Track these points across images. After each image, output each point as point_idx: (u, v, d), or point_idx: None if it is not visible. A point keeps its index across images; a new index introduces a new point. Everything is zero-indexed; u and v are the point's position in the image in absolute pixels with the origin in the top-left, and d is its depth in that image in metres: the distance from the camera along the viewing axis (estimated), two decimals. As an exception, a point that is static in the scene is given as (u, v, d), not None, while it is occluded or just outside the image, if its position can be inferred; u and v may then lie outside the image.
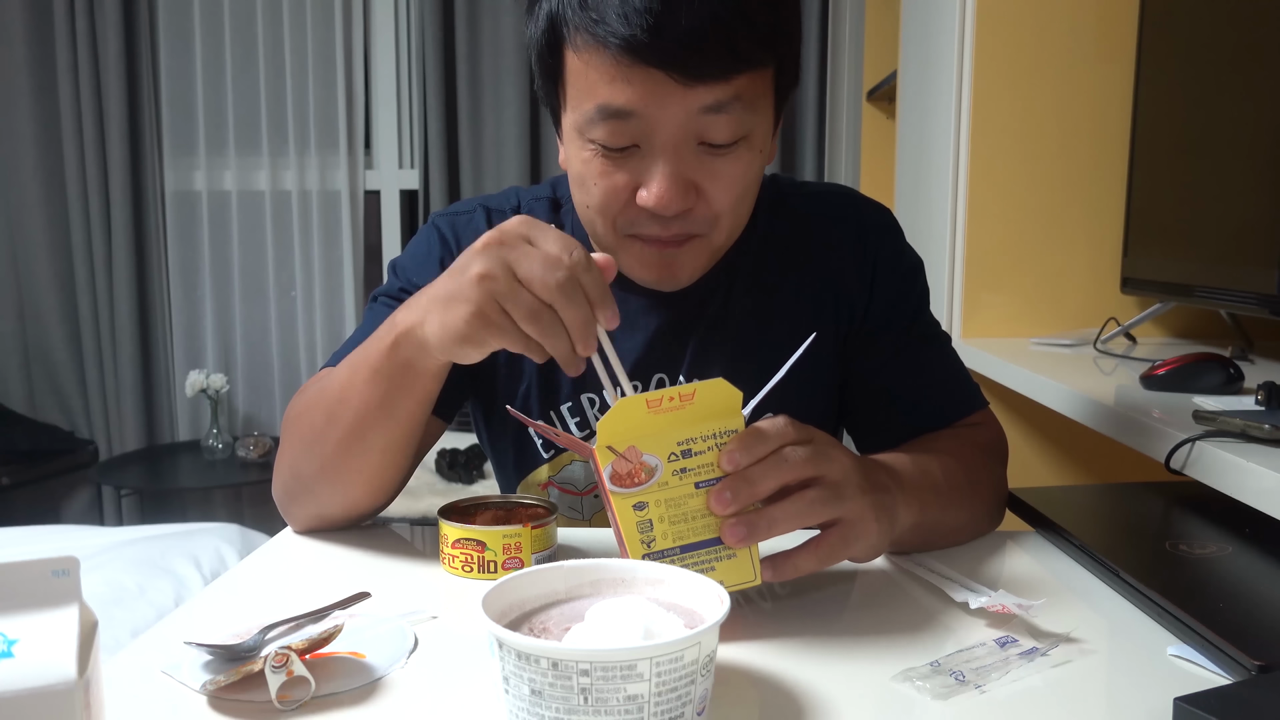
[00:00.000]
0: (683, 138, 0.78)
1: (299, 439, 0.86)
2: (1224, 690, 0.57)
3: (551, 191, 1.00)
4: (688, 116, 0.77)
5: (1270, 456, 0.80)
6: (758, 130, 0.82)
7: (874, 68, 2.77)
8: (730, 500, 0.65)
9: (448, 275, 0.70)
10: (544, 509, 0.84)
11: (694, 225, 0.83)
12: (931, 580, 0.77)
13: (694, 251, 0.86)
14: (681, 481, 0.66)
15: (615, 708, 0.49)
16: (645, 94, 0.76)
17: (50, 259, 3.28)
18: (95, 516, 3.33)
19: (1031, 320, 1.70)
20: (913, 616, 0.72)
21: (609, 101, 0.77)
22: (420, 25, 3.12)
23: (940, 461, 0.83)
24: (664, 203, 0.79)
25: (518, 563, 0.78)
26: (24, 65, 3.19)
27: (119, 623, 1.70)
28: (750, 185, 0.85)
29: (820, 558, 0.68)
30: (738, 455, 0.65)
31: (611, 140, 0.79)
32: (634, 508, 0.65)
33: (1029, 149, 1.67)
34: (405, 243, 3.43)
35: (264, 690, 0.58)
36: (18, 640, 0.40)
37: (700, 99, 0.77)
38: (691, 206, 0.82)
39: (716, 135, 0.79)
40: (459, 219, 0.98)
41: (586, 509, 0.98)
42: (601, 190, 0.82)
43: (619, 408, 0.64)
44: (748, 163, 0.82)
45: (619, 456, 0.65)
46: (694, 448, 0.66)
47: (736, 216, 0.86)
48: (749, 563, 0.67)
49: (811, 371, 0.95)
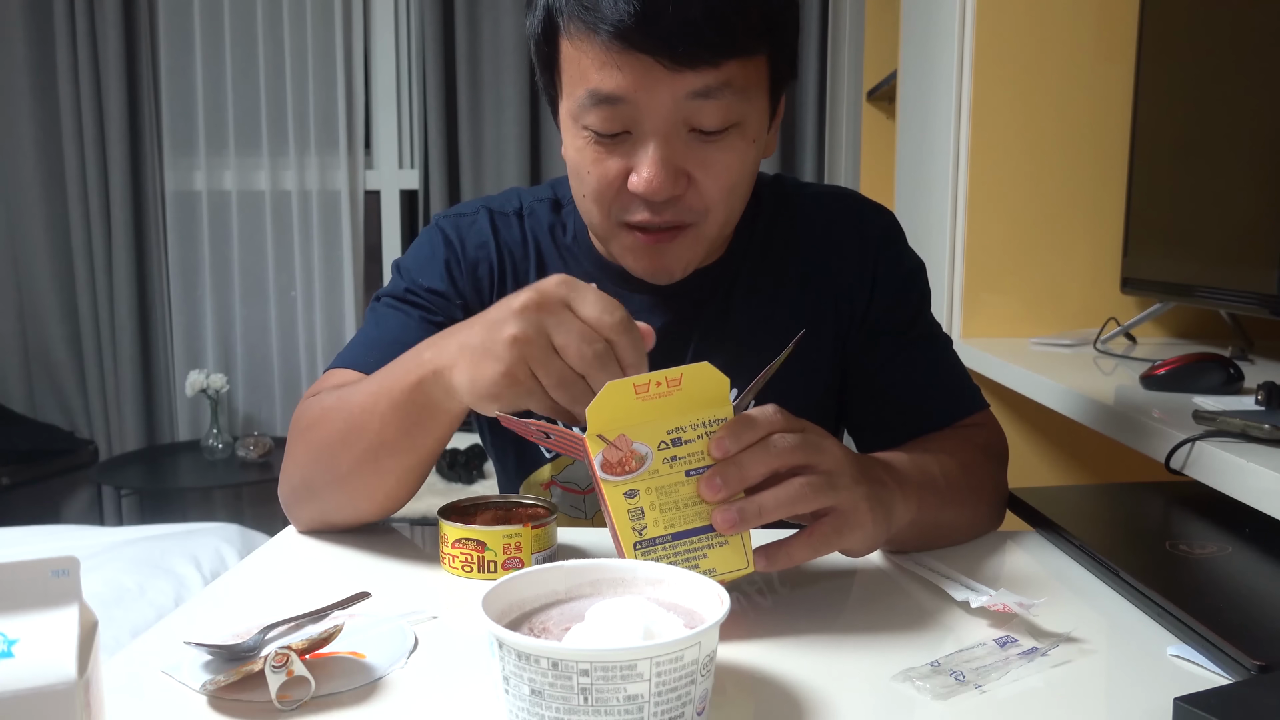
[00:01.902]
0: (672, 123, 0.79)
1: (311, 447, 0.86)
2: (1224, 690, 0.57)
3: (552, 192, 1.01)
4: (676, 102, 0.78)
5: (1270, 456, 0.80)
6: (750, 119, 0.82)
7: (874, 68, 2.77)
8: (720, 486, 0.65)
9: (482, 325, 0.70)
10: (544, 509, 0.84)
11: (685, 214, 0.84)
12: (931, 579, 0.77)
13: (685, 243, 0.86)
14: (672, 469, 0.66)
15: (615, 708, 0.49)
16: (635, 79, 0.77)
17: (50, 259, 3.28)
18: (95, 516, 3.33)
19: (1031, 320, 1.70)
20: (913, 616, 0.72)
21: (599, 87, 0.78)
22: (420, 25, 3.12)
23: (939, 460, 0.83)
24: (653, 187, 0.80)
25: (518, 563, 0.78)
26: (24, 65, 3.19)
27: (119, 623, 1.70)
28: (743, 176, 0.85)
29: (813, 546, 0.68)
30: (727, 442, 0.65)
31: (603, 126, 0.80)
32: (625, 495, 0.65)
33: (1029, 149, 1.67)
34: (405, 243, 3.44)
35: (264, 690, 0.58)
36: (18, 640, 0.40)
37: (689, 84, 0.77)
38: (682, 194, 0.82)
39: (706, 121, 0.79)
40: (462, 220, 0.99)
41: (589, 508, 0.98)
42: (595, 177, 0.83)
43: (606, 391, 0.64)
44: (740, 152, 0.83)
45: (609, 445, 0.65)
46: (684, 436, 0.66)
47: (728, 207, 0.85)
48: (741, 550, 0.67)
49: (812, 372, 0.96)
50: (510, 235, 0.98)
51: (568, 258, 0.98)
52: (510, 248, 0.98)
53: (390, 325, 0.94)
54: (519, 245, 0.98)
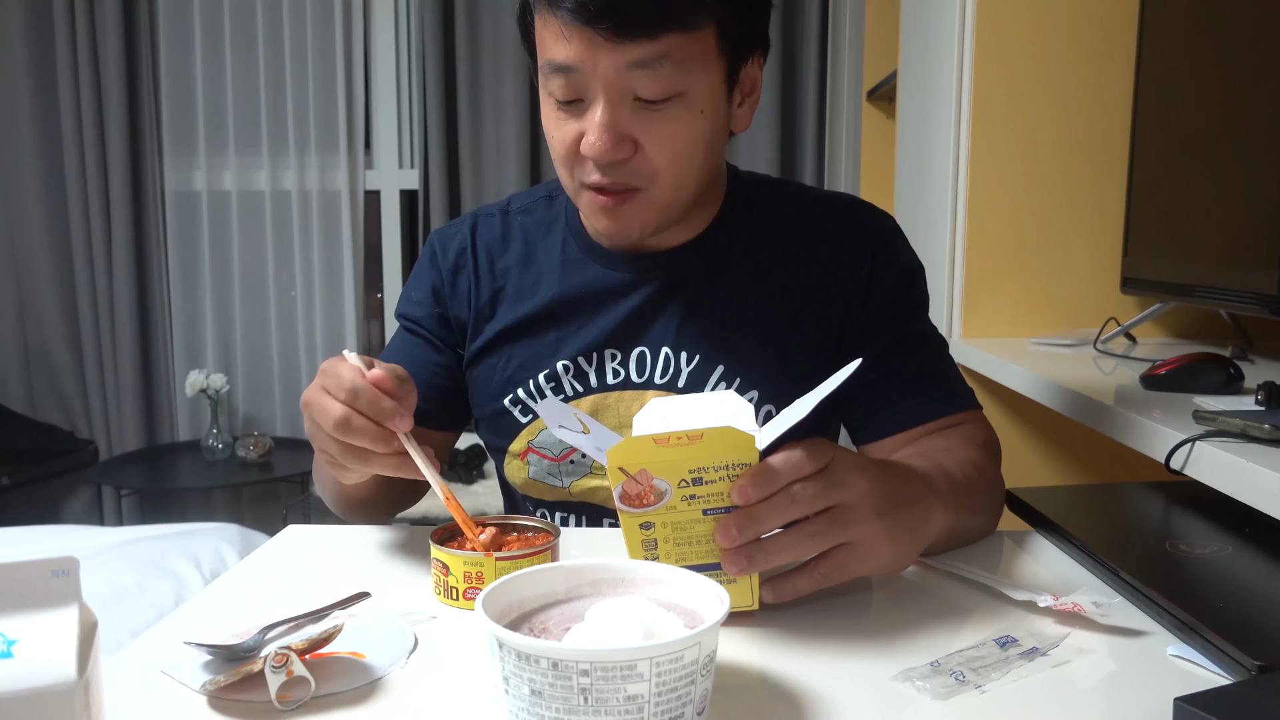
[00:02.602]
0: (616, 92, 0.85)
1: (316, 472, 0.99)
2: (1224, 690, 0.57)
3: (546, 190, 1.07)
4: (618, 72, 0.83)
5: (1270, 456, 0.80)
6: (695, 91, 0.86)
7: (874, 68, 2.77)
8: (736, 537, 0.66)
9: None
10: (545, 533, 0.79)
11: (633, 177, 0.88)
12: (982, 580, 0.76)
13: (638, 206, 0.90)
14: (690, 507, 0.66)
15: (615, 708, 0.49)
16: (581, 50, 0.83)
17: (50, 259, 3.28)
18: (95, 516, 3.33)
19: (1031, 320, 1.70)
20: (912, 616, 0.72)
21: (554, 57, 0.85)
22: (420, 25, 3.11)
23: (959, 463, 0.84)
24: (597, 150, 0.85)
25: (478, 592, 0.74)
26: (24, 65, 3.19)
27: (119, 623, 1.70)
28: (690, 144, 0.88)
29: (817, 579, 0.69)
30: (750, 491, 0.65)
31: (561, 94, 0.87)
32: (640, 526, 0.67)
33: (1029, 149, 1.67)
34: (405, 243, 3.45)
35: (264, 690, 0.58)
36: (17, 640, 0.40)
37: (628, 54, 0.83)
38: (629, 158, 0.87)
39: (646, 91, 0.84)
40: (446, 232, 1.08)
41: (564, 475, 1.00)
42: (558, 140, 0.90)
43: (628, 442, 0.65)
44: (685, 122, 0.87)
45: (630, 478, 0.65)
46: (705, 477, 0.65)
47: (677, 173, 0.89)
48: (749, 589, 0.68)
49: (806, 365, 0.97)
50: (490, 233, 1.05)
51: (559, 243, 1.03)
52: (488, 244, 1.04)
53: (395, 349, 1.07)
54: (498, 241, 1.04)
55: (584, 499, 0.99)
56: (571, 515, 1.01)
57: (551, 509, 1.02)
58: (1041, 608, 0.70)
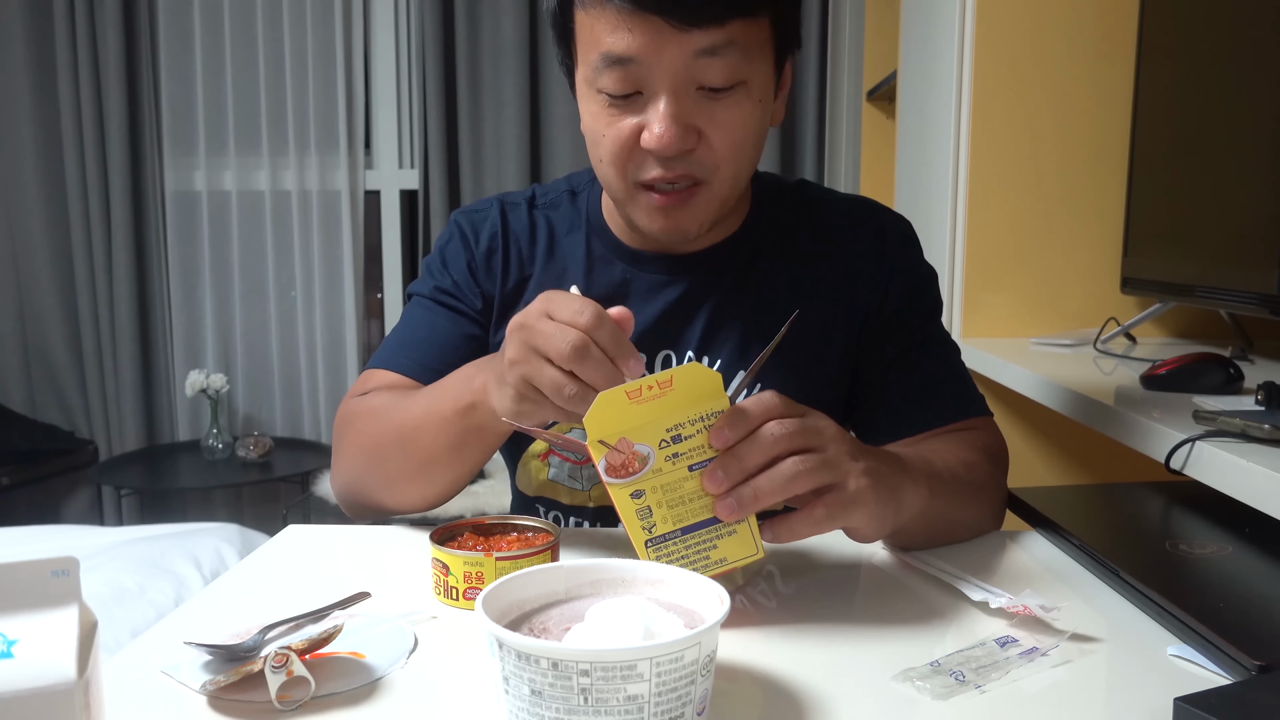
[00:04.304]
0: (681, 81, 0.82)
1: (363, 451, 0.93)
2: (1224, 690, 0.57)
3: (568, 184, 1.06)
4: (684, 60, 0.81)
5: (1270, 456, 0.80)
6: (755, 79, 0.85)
7: (874, 68, 2.77)
8: (722, 479, 0.67)
9: (499, 353, 0.76)
10: (544, 534, 0.78)
11: (696, 168, 0.86)
12: (945, 579, 0.77)
13: (699, 203, 0.89)
14: (674, 466, 0.67)
15: (615, 708, 0.49)
16: (644, 40, 0.81)
17: (50, 259, 3.27)
18: (95, 516, 3.33)
19: (1031, 320, 1.70)
20: (913, 616, 0.72)
21: (611, 49, 0.82)
22: (420, 25, 3.11)
23: (941, 455, 0.84)
24: (664, 142, 0.83)
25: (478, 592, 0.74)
26: (24, 65, 3.19)
27: (119, 623, 1.70)
28: (749, 134, 0.87)
29: (814, 521, 0.69)
30: (726, 432, 0.67)
31: (616, 88, 0.84)
32: (631, 496, 0.67)
33: (1029, 149, 1.67)
34: (405, 243, 3.45)
35: (264, 690, 0.58)
36: (17, 640, 0.40)
37: (696, 42, 0.81)
38: (693, 149, 0.85)
39: (713, 78, 0.83)
40: (476, 215, 1.04)
41: (585, 478, 0.99)
42: (610, 138, 0.86)
43: (600, 401, 0.66)
44: (746, 110, 0.86)
45: (611, 449, 0.66)
46: (683, 432, 0.67)
47: (737, 165, 0.88)
48: (750, 538, 0.68)
49: (822, 365, 0.97)
50: (519, 223, 1.03)
51: (583, 240, 1.01)
52: (517, 234, 1.02)
53: (421, 325, 1.01)
54: (526, 232, 1.03)
55: (600, 503, 0.99)
56: (585, 522, 1.00)
57: (565, 513, 1.01)
58: (993, 609, 0.70)
